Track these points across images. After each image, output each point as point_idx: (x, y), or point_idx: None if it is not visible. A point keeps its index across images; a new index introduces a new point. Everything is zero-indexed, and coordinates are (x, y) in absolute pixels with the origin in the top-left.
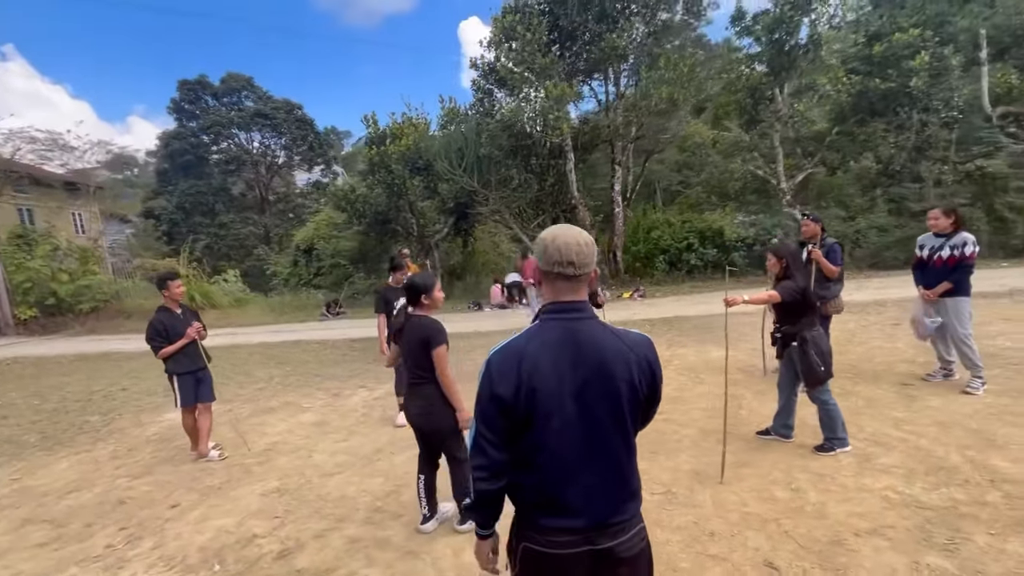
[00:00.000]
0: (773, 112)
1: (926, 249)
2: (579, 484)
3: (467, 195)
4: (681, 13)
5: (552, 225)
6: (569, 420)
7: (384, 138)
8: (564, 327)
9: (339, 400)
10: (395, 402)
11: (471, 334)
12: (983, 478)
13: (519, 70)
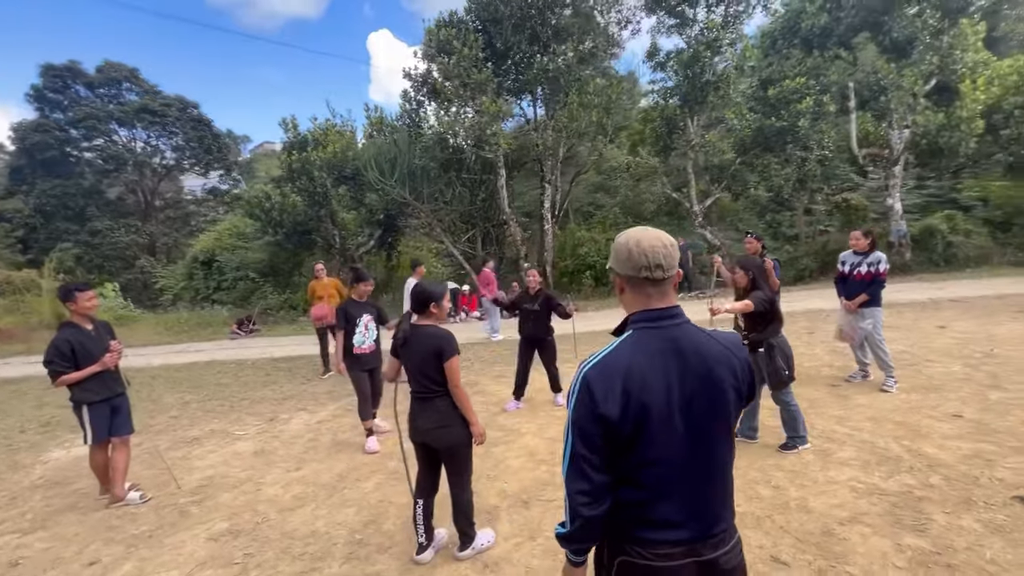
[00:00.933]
0: (686, 141)
1: (847, 265)
2: (685, 496)
3: (397, 207)
4: (603, 42)
5: (481, 240)
6: (677, 433)
7: (305, 144)
8: (663, 336)
9: (277, 425)
10: (346, 424)
11: None
12: (923, 464)
13: (454, 84)
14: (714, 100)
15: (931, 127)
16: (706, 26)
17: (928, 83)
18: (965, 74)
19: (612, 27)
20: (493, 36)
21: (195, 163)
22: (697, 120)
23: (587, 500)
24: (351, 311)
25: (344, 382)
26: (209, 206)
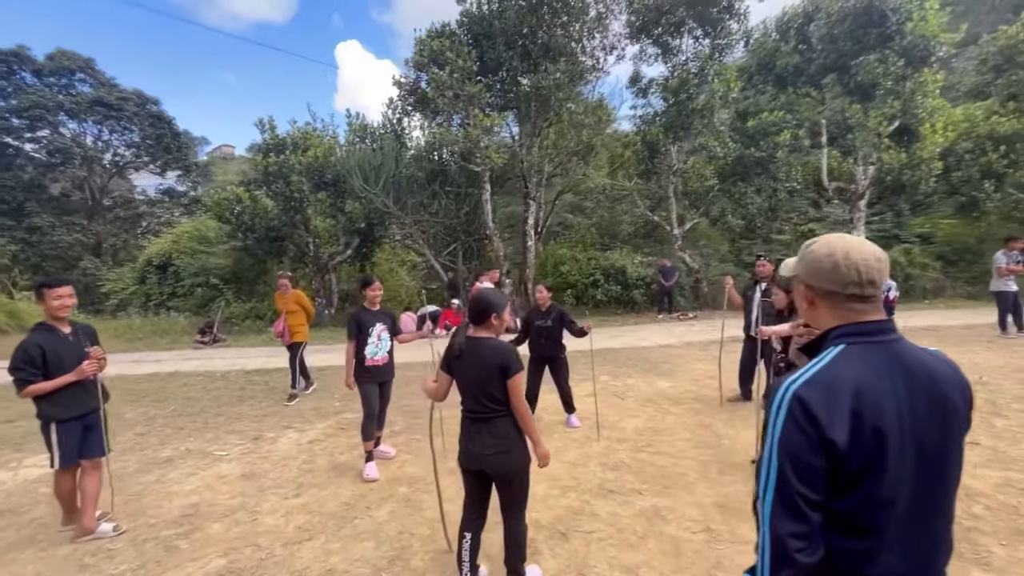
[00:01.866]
0: (668, 166)
1: None
2: (911, 545)
3: (380, 216)
4: (589, 65)
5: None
6: (908, 467)
7: (283, 146)
8: (886, 351)
9: (263, 445)
10: (342, 444)
11: None
12: (960, 493)
13: (447, 95)
14: (699, 127)
15: (894, 165)
16: (696, 55)
17: (892, 124)
18: (925, 118)
19: (598, 51)
20: (485, 50)
21: (151, 161)
22: (679, 146)
23: (803, 545)
24: (364, 319)
25: (329, 398)
26: (165, 207)
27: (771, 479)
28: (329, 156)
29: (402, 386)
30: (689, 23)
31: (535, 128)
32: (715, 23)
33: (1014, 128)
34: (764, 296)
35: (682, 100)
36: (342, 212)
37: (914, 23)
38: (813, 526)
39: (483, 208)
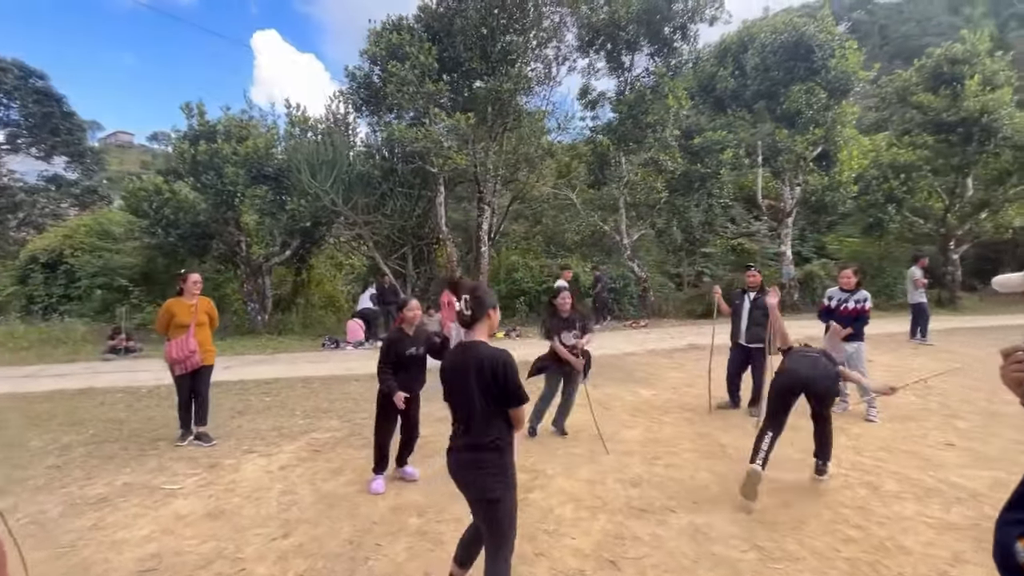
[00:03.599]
0: (619, 177)
1: (834, 300)
2: None
3: (328, 215)
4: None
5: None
6: None
7: (215, 134)
8: None
9: (223, 475)
10: (322, 469)
11: (343, 377)
12: (964, 494)
13: (409, 91)
14: (652, 141)
15: (817, 187)
16: (649, 72)
17: (815, 150)
18: (843, 146)
19: (551, 61)
20: (445, 48)
21: (33, 143)
22: (629, 158)
23: None
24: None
25: (289, 416)
26: (51, 197)
27: None
28: (270, 148)
29: (357, 402)
30: (642, 41)
31: (492, 132)
32: (667, 43)
33: (909, 159)
34: (754, 305)
35: (637, 114)
36: (283, 209)
37: (837, 59)
38: None
39: (436, 211)
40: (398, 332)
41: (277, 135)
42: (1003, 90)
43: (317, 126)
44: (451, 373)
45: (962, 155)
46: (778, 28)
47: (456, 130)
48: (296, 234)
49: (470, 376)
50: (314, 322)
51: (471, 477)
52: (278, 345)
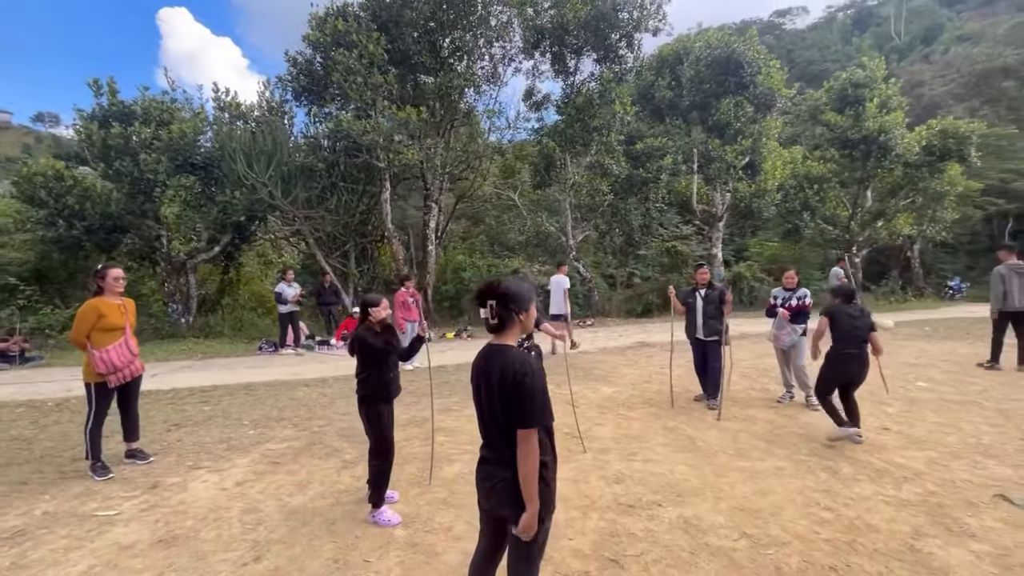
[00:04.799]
0: (565, 179)
1: (779, 299)
2: None
3: (264, 209)
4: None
5: (355, 257)
6: None
7: (130, 117)
8: None
9: (169, 495)
10: (285, 483)
11: (290, 382)
12: (909, 474)
13: (357, 81)
14: (598, 144)
15: (745, 194)
16: (596, 77)
17: (744, 159)
18: (767, 156)
19: (497, 60)
20: (393, 39)
21: None
22: (577, 160)
23: None
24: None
25: (235, 425)
26: None
27: None
28: (197, 135)
29: (312, 408)
30: (588, 47)
31: (440, 128)
32: (613, 50)
33: (821, 171)
34: (706, 301)
35: (584, 117)
36: (212, 202)
37: (763, 76)
38: None
39: (382, 208)
40: (367, 331)
41: (206, 121)
42: (896, 113)
43: (251, 113)
44: (476, 378)
45: (863, 169)
46: (711, 43)
47: (406, 124)
48: (227, 229)
49: (492, 384)
50: (246, 324)
51: (492, 495)
52: (207, 349)
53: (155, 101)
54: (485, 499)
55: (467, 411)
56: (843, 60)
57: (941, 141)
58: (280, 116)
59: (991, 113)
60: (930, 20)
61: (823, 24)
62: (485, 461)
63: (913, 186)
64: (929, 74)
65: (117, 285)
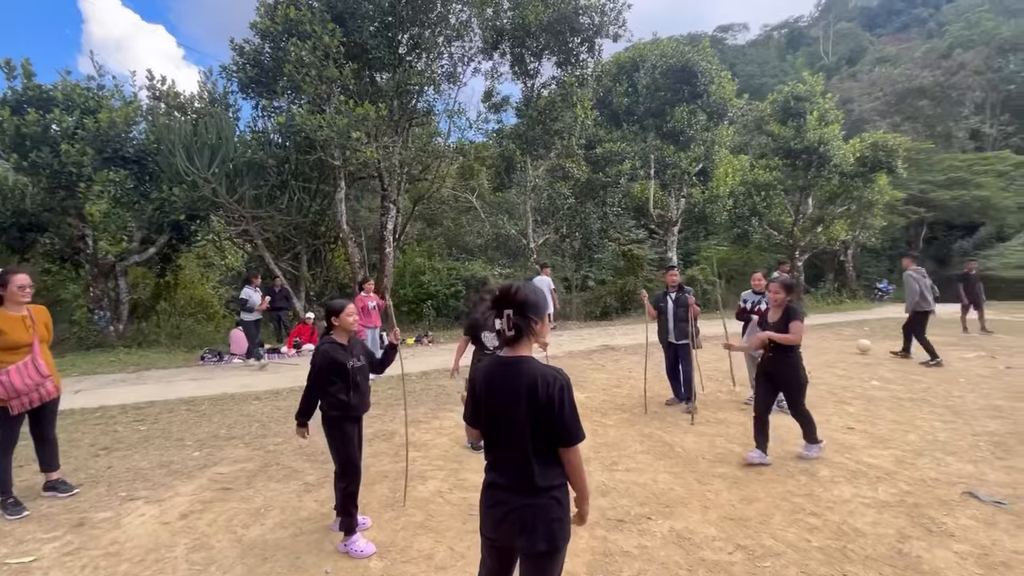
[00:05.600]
0: (525, 182)
1: (749, 302)
2: None
3: (208, 207)
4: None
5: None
6: None
7: (48, 102)
8: None
9: (99, 533)
10: (239, 511)
11: (239, 396)
12: (881, 473)
13: (312, 74)
14: (560, 148)
15: (699, 200)
16: (558, 81)
17: (698, 166)
18: (719, 163)
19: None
20: (350, 32)
21: None
22: (538, 163)
23: None
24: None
25: (177, 447)
26: None
27: None
28: (129, 125)
29: (283, 420)
30: (548, 51)
31: (398, 126)
32: (574, 55)
33: (767, 179)
34: (676, 304)
35: (546, 120)
36: (147, 199)
37: (716, 86)
38: None
39: (336, 208)
40: (331, 343)
41: (139, 110)
42: (833, 126)
43: (192, 103)
44: (491, 395)
45: (804, 178)
46: (666, 52)
47: (364, 121)
48: (164, 229)
49: (520, 401)
50: (185, 332)
51: (504, 524)
52: (140, 360)
53: (79, 87)
54: (494, 528)
55: (436, 423)
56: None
57: (873, 153)
58: (224, 108)
59: (910, 129)
60: (854, 42)
61: (761, 41)
62: (496, 487)
63: (848, 194)
64: (857, 91)
65: (22, 294)
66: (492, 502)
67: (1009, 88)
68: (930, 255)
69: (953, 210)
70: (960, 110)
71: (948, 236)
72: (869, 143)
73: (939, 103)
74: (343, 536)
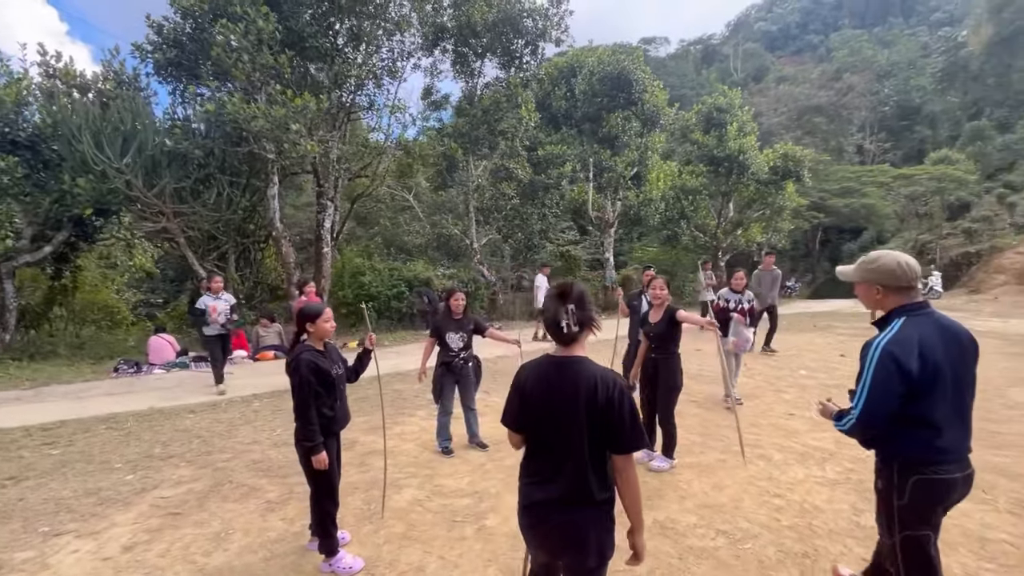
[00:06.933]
0: (467, 181)
1: (731, 302)
2: (955, 431)
3: (120, 201)
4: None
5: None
6: (948, 385)
7: None
8: (930, 319)
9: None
10: (200, 539)
11: (170, 410)
12: (825, 455)
13: (244, 59)
14: (504, 148)
15: (634, 202)
16: (503, 81)
17: (632, 170)
18: (652, 168)
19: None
20: (286, 18)
21: None
22: (482, 163)
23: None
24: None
25: (107, 470)
26: None
27: (865, 390)
28: (19, 105)
29: (227, 434)
30: (491, 53)
31: (336, 120)
32: (518, 56)
33: (694, 184)
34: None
35: (491, 120)
36: (42, 189)
37: (649, 94)
38: (881, 415)
39: (269, 204)
40: (311, 350)
41: (31, 88)
42: (750, 136)
43: (95, 84)
44: (544, 396)
45: (726, 184)
46: (603, 59)
47: (304, 113)
48: (64, 224)
49: (578, 404)
50: (89, 341)
51: (552, 538)
52: (36, 374)
53: None
54: (541, 544)
55: (398, 428)
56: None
57: (783, 163)
58: (136, 91)
59: (810, 143)
60: (759, 61)
61: (680, 55)
62: (568, 503)
63: (763, 200)
64: (765, 106)
65: None
66: (537, 518)
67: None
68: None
69: (845, 216)
70: (849, 127)
71: (839, 239)
72: (780, 153)
73: (832, 120)
74: (324, 557)
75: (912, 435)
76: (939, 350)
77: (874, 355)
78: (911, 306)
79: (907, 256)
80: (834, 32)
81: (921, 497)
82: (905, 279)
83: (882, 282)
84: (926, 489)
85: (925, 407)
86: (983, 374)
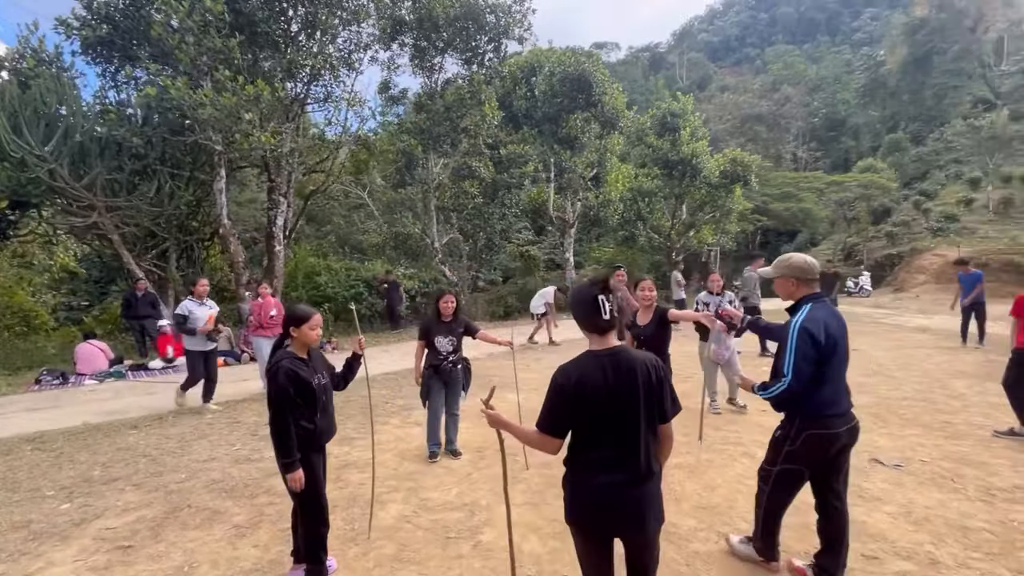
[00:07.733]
0: (427, 179)
1: (712, 305)
2: (841, 390)
3: (42, 193)
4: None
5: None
6: (840, 353)
7: None
8: (826, 306)
9: None
10: (154, 572)
11: (108, 426)
12: None
13: (189, 41)
14: (467, 146)
15: (593, 203)
16: (466, 78)
17: (592, 172)
18: (611, 170)
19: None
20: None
21: None
22: (443, 160)
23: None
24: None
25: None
26: None
27: (792, 359)
28: None
29: (179, 451)
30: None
31: (289, 111)
32: (481, 53)
33: (650, 187)
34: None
35: (453, 117)
36: None
37: (609, 97)
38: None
39: (215, 199)
40: (292, 358)
41: None
42: (702, 141)
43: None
44: (606, 389)
45: (679, 186)
46: (564, 60)
47: (256, 102)
48: None
49: (638, 390)
50: (3, 348)
51: (639, 517)
52: None
53: None
54: (610, 522)
55: None
56: (646, 94)
57: (732, 167)
58: (59, 71)
59: (752, 149)
60: (703, 70)
61: (630, 61)
62: (639, 481)
63: (714, 203)
64: (711, 113)
65: None
66: (614, 500)
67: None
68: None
69: (784, 219)
70: (786, 136)
71: (777, 241)
72: (730, 158)
73: (771, 128)
74: None
75: (815, 394)
76: (834, 326)
77: (794, 332)
78: (814, 295)
79: (810, 256)
80: (769, 47)
81: (809, 449)
82: (811, 273)
83: (795, 275)
84: (814, 443)
85: (827, 369)
86: (925, 367)
